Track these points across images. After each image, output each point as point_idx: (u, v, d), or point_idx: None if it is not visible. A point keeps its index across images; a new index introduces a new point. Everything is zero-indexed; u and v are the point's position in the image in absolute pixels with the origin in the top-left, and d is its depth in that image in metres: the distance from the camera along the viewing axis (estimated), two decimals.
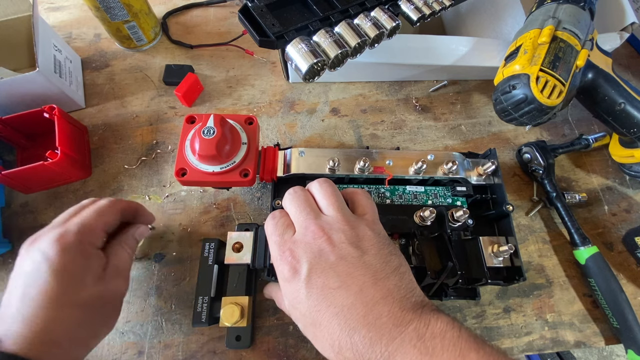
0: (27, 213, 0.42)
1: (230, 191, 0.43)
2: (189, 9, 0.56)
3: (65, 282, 0.27)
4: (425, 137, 0.48)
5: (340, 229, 0.27)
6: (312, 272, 0.25)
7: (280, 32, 0.34)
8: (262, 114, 0.49)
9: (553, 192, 0.43)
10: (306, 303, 0.24)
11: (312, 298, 0.24)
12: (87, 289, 0.28)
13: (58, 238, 0.28)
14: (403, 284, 0.25)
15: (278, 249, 0.27)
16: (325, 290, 0.24)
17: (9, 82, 0.39)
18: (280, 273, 0.27)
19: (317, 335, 0.24)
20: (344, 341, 0.23)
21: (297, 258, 0.26)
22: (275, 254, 0.28)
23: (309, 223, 0.27)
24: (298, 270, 0.25)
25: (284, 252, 0.27)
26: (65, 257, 0.27)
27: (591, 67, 0.40)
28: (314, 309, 0.24)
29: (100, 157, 0.45)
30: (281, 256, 0.27)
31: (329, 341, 0.23)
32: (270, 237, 0.29)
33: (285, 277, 0.26)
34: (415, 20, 0.41)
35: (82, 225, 0.29)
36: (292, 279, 0.26)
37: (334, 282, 0.24)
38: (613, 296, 0.38)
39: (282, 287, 0.27)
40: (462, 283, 0.35)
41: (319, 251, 0.26)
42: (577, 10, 0.39)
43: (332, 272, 0.25)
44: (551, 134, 0.50)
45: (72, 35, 0.53)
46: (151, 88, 0.49)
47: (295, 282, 0.25)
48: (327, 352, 0.24)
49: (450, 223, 0.37)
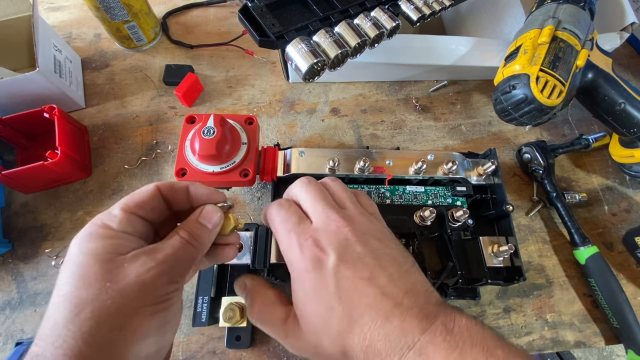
0: (27, 213, 0.42)
1: (230, 191, 0.43)
2: (189, 9, 0.56)
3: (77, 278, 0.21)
4: (425, 137, 0.48)
5: (361, 221, 0.26)
6: (340, 263, 0.24)
7: (280, 32, 0.34)
8: (262, 114, 0.49)
9: (553, 192, 0.43)
10: (335, 294, 0.23)
11: (343, 289, 0.23)
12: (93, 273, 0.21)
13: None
14: (422, 278, 0.25)
15: (296, 238, 0.25)
16: (355, 281, 0.23)
17: (9, 82, 0.39)
18: (298, 263, 0.25)
19: (347, 330, 0.23)
20: (375, 332, 0.22)
21: (321, 247, 0.25)
22: (291, 243, 0.26)
23: (330, 212, 0.26)
24: (323, 261, 0.24)
25: (305, 241, 0.25)
26: (71, 251, 0.22)
27: (591, 67, 0.40)
28: (345, 300, 0.23)
29: (100, 157, 0.45)
30: (301, 245, 0.25)
31: (360, 335, 0.22)
32: (280, 225, 0.27)
33: (306, 267, 0.24)
34: (415, 20, 0.41)
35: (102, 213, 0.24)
36: (316, 269, 0.24)
37: (364, 272, 0.24)
38: (613, 296, 0.38)
39: (300, 279, 0.25)
40: (462, 283, 0.35)
41: (345, 241, 0.25)
42: (577, 10, 0.39)
43: (361, 263, 0.24)
44: (551, 134, 0.50)
45: (72, 35, 0.53)
46: (151, 88, 0.49)
47: (320, 273, 0.24)
48: (355, 349, 0.23)
49: (450, 223, 0.37)
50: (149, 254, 0.22)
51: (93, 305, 0.19)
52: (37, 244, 0.40)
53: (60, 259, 0.40)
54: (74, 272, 0.20)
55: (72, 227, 0.41)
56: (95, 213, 0.42)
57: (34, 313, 0.38)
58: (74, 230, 0.41)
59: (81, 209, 0.42)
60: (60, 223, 0.41)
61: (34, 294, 0.38)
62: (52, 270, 0.39)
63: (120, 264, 0.21)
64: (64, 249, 0.40)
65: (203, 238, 0.25)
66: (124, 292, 0.20)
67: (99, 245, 0.21)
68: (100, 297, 0.20)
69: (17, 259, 0.40)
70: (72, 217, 0.42)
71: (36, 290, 0.38)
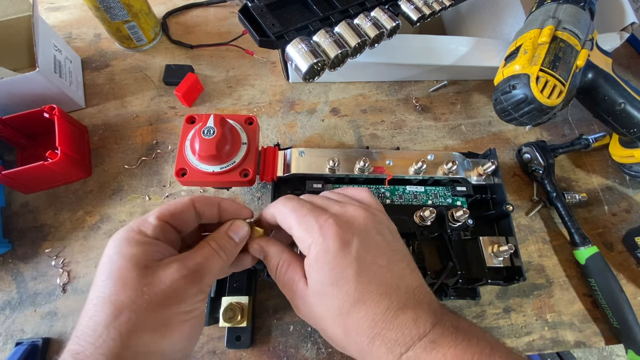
0: (27, 213, 0.42)
1: (230, 191, 0.43)
2: (189, 9, 0.56)
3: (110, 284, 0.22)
4: (425, 137, 0.48)
5: (376, 213, 0.27)
6: (361, 248, 0.24)
7: (280, 32, 0.34)
8: (262, 114, 0.49)
9: (553, 192, 0.43)
10: (354, 279, 0.23)
11: (363, 275, 0.23)
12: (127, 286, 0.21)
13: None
14: (423, 280, 0.26)
15: (314, 220, 0.24)
16: (374, 268, 0.24)
17: (9, 82, 0.39)
18: (318, 244, 0.24)
19: (359, 315, 0.23)
20: (388, 321, 0.22)
21: (344, 230, 0.24)
22: (308, 225, 0.24)
23: (346, 201, 0.26)
24: (349, 244, 0.24)
25: (325, 222, 0.24)
26: (105, 256, 0.23)
27: (591, 67, 0.40)
28: (364, 286, 0.23)
29: (100, 157, 0.45)
30: (322, 227, 0.24)
31: (371, 322, 0.22)
32: (294, 212, 0.26)
33: (327, 248, 0.23)
34: (415, 20, 0.41)
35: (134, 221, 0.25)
36: (340, 252, 0.23)
37: (382, 260, 0.24)
38: (613, 296, 0.38)
39: (318, 259, 0.24)
40: (462, 283, 0.35)
41: (365, 227, 0.25)
42: (577, 10, 0.39)
43: (379, 251, 0.24)
44: (551, 134, 0.50)
45: (72, 35, 0.53)
46: (151, 88, 0.49)
47: (344, 256, 0.23)
48: (361, 336, 0.23)
49: (450, 223, 0.37)
50: (181, 262, 0.23)
51: (131, 308, 0.20)
52: (37, 244, 0.40)
53: (60, 259, 0.40)
54: (113, 274, 0.22)
55: (72, 227, 0.41)
56: (95, 213, 0.42)
57: (34, 313, 0.38)
58: (74, 230, 0.41)
59: (81, 209, 0.42)
60: (60, 223, 0.41)
61: (34, 294, 0.38)
62: (52, 270, 0.39)
63: (155, 270, 0.22)
64: (64, 249, 0.40)
65: (231, 250, 0.26)
66: (158, 298, 0.21)
67: (135, 251, 0.22)
68: (137, 301, 0.21)
69: (17, 259, 0.40)
70: (72, 217, 0.42)
71: (36, 290, 0.38)
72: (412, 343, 0.22)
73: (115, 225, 0.41)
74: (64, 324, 0.37)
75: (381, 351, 0.22)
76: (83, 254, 0.40)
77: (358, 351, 0.23)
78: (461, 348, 0.21)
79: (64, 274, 0.39)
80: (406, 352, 0.22)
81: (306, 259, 0.25)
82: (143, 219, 0.24)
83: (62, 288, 0.39)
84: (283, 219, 0.27)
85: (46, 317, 0.37)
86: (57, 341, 0.36)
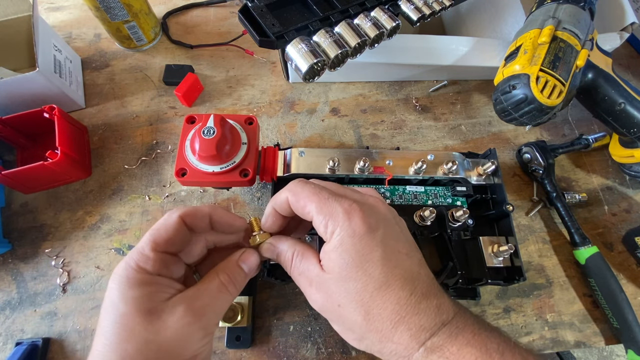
0: (27, 213, 0.42)
1: (230, 191, 0.43)
2: (189, 9, 0.56)
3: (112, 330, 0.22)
4: (425, 137, 0.48)
5: (389, 207, 0.27)
6: (386, 233, 0.24)
7: (280, 32, 0.34)
8: (262, 114, 0.49)
9: (553, 192, 0.43)
10: (381, 263, 0.23)
11: (387, 259, 0.23)
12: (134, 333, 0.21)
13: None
14: None
15: (339, 204, 0.24)
16: (397, 255, 0.24)
17: (9, 82, 0.39)
18: (344, 228, 0.23)
19: (383, 298, 0.22)
20: (413, 306, 0.22)
21: (369, 215, 0.24)
22: (332, 208, 0.24)
23: (365, 192, 0.26)
24: (375, 228, 0.23)
25: (350, 206, 0.24)
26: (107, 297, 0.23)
27: (591, 67, 0.40)
28: (390, 270, 0.23)
29: (100, 157, 0.45)
30: (346, 211, 0.23)
31: (395, 306, 0.22)
32: (315, 196, 0.25)
33: (353, 232, 0.23)
34: (415, 20, 0.41)
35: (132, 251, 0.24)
36: (366, 236, 0.23)
37: (404, 248, 0.24)
38: (613, 296, 0.38)
39: (343, 243, 0.23)
40: (462, 283, 0.35)
41: (385, 215, 0.25)
42: (577, 10, 0.39)
43: (400, 239, 0.25)
44: (551, 134, 0.50)
45: (72, 35, 0.53)
46: (151, 88, 0.49)
47: (370, 240, 0.23)
48: (384, 321, 0.22)
49: (450, 223, 0.37)
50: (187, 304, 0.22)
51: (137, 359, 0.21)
52: (37, 244, 0.40)
53: (60, 259, 0.40)
54: (118, 322, 0.21)
55: (72, 227, 0.41)
56: (95, 213, 0.42)
57: (34, 313, 0.38)
58: (74, 230, 0.41)
59: (81, 209, 0.42)
60: (60, 223, 0.41)
61: (34, 294, 0.38)
62: (52, 270, 0.39)
63: (160, 314, 0.22)
64: (64, 249, 0.40)
65: (240, 282, 0.25)
66: (163, 348, 0.21)
67: (138, 294, 0.22)
68: (144, 352, 0.21)
69: (17, 259, 0.40)
70: (72, 217, 0.42)
71: (36, 290, 0.38)
72: (437, 329, 0.22)
73: (115, 225, 0.41)
74: (64, 324, 0.37)
75: (404, 337, 0.22)
76: (83, 254, 0.40)
77: (378, 339, 0.23)
78: (485, 336, 0.22)
79: (64, 274, 0.39)
80: (430, 338, 0.22)
81: (327, 244, 0.24)
82: (139, 251, 0.23)
83: (62, 288, 0.39)
84: (300, 203, 0.25)
85: (46, 317, 0.37)
86: (57, 341, 0.36)
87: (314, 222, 0.25)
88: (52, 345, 0.36)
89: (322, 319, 0.38)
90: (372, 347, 0.23)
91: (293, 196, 0.25)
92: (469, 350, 0.21)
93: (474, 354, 0.21)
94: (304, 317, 0.38)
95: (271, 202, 0.27)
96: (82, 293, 0.38)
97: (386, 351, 0.23)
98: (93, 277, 0.39)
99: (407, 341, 0.22)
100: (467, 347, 0.21)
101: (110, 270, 0.39)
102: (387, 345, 0.22)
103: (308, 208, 0.25)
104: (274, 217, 0.27)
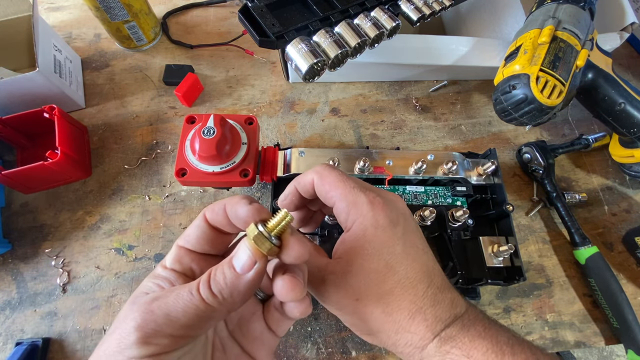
0: (27, 213, 0.42)
1: (230, 191, 0.43)
2: (189, 9, 0.56)
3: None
4: (425, 137, 0.48)
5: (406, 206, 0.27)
6: (405, 229, 0.24)
7: (280, 32, 0.34)
8: (262, 114, 0.49)
9: (553, 192, 0.43)
10: (400, 255, 0.23)
11: (406, 253, 0.24)
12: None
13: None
14: None
15: (364, 194, 0.24)
16: (415, 249, 0.24)
17: (9, 82, 0.39)
18: (368, 218, 0.23)
19: (402, 290, 0.23)
20: (430, 298, 0.23)
21: (391, 209, 0.24)
22: (357, 198, 0.24)
23: (383, 189, 0.27)
24: (396, 222, 0.24)
25: (374, 199, 0.24)
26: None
27: (591, 67, 0.40)
28: (409, 265, 0.23)
29: (100, 157, 0.45)
30: (371, 202, 0.24)
31: (413, 297, 0.23)
32: (342, 182, 0.24)
33: (377, 224, 0.23)
34: (415, 20, 0.41)
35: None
36: (389, 228, 0.24)
37: (420, 244, 0.25)
38: (613, 296, 0.38)
39: (365, 233, 0.23)
40: (462, 283, 0.35)
41: (404, 211, 0.25)
42: (577, 10, 0.39)
43: (417, 235, 0.25)
44: (551, 134, 0.50)
45: (72, 35, 0.53)
46: (151, 88, 0.49)
47: (392, 233, 0.24)
48: (402, 312, 0.23)
49: (450, 223, 0.37)
50: (149, 300, 0.19)
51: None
52: (37, 244, 0.40)
53: (60, 259, 0.40)
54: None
55: (72, 227, 0.41)
56: (95, 213, 0.42)
57: (34, 313, 0.38)
58: (74, 230, 0.41)
59: (81, 209, 0.42)
60: (60, 223, 0.41)
61: (34, 294, 0.38)
62: (52, 270, 0.39)
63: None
64: (64, 249, 0.40)
65: (222, 284, 0.19)
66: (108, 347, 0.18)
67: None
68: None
69: (17, 259, 0.40)
70: (72, 217, 0.42)
71: (36, 290, 0.38)
72: (451, 321, 0.22)
73: (115, 225, 0.41)
74: (64, 324, 0.37)
75: (420, 327, 0.22)
76: (83, 254, 0.40)
77: (395, 330, 0.23)
78: (495, 330, 0.22)
79: (64, 274, 0.39)
80: (444, 329, 0.22)
81: (346, 234, 0.24)
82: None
83: (62, 288, 0.39)
84: (325, 187, 0.25)
85: (46, 317, 0.37)
86: (57, 341, 0.37)
87: (336, 209, 0.25)
88: (52, 345, 0.36)
89: (322, 319, 0.38)
90: (387, 340, 0.24)
91: (320, 179, 0.25)
92: (481, 342, 0.22)
93: (485, 345, 0.21)
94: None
95: (294, 182, 0.27)
96: (82, 293, 0.38)
97: (402, 342, 0.23)
98: (93, 277, 0.39)
99: (423, 332, 0.22)
100: (479, 339, 0.22)
101: (111, 270, 0.39)
102: (404, 335, 0.23)
103: (332, 193, 0.25)
104: (293, 196, 0.27)
